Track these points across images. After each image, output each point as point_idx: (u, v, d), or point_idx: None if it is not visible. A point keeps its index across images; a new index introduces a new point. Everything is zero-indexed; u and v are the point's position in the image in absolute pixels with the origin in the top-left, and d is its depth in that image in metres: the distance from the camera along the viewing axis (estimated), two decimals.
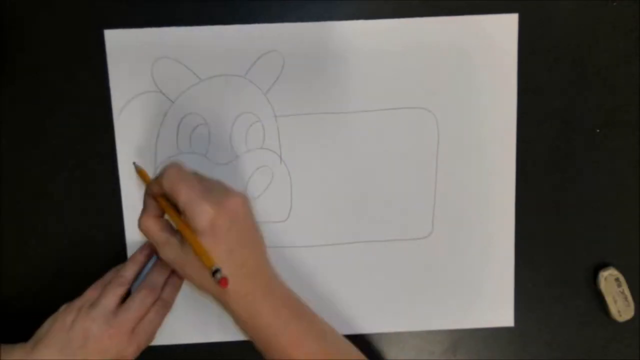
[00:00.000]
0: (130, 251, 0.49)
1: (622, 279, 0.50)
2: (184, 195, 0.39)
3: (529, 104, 0.49)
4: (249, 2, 0.48)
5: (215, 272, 0.39)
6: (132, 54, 0.47)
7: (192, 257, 0.40)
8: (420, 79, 0.49)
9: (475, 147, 0.50)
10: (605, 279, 0.50)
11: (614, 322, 0.51)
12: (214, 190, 0.41)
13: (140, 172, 0.48)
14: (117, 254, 0.49)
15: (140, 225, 0.43)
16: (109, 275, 0.47)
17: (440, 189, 0.50)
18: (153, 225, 0.43)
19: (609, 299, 0.50)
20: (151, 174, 0.48)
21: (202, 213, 0.39)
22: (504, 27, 0.48)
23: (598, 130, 0.50)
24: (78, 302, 0.45)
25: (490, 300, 0.51)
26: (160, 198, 0.43)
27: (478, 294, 0.51)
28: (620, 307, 0.50)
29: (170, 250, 0.42)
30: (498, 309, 0.51)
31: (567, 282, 0.51)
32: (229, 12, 0.48)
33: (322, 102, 0.49)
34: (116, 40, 0.47)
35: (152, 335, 0.45)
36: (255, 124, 0.49)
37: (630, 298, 0.50)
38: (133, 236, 0.49)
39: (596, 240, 0.51)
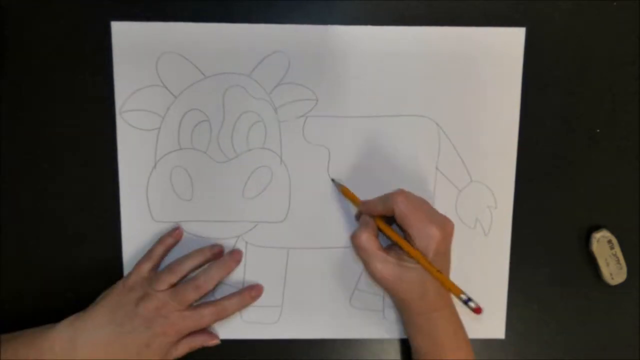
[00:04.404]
0: (126, 247, 0.49)
1: (614, 241, 0.49)
2: (416, 220, 0.43)
3: (529, 104, 0.50)
4: (257, 2, 0.48)
5: (467, 301, 0.42)
6: (138, 47, 0.47)
7: (410, 276, 0.43)
8: (424, 87, 0.49)
9: (476, 157, 0.50)
10: (598, 240, 0.49)
11: (606, 285, 0.51)
12: (435, 213, 0.45)
13: (343, 190, 0.48)
14: (114, 251, 0.49)
15: (359, 241, 0.45)
16: (158, 248, 0.48)
17: (438, 197, 0.50)
18: (372, 242, 0.45)
19: (601, 262, 0.49)
20: (150, 167, 0.48)
21: (433, 237, 0.43)
22: (511, 40, 0.49)
23: (598, 130, 0.51)
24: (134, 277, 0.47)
25: (482, 312, 0.51)
26: (379, 220, 0.46)
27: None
28: (612, 269, 0.49)
29: (386, 268, 0.44)
30: (490, 321, 0.52)
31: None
32: (236, 11, 0.48)
33: (325, 106, 0.49)
34: (123, 32, 0.47)
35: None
36: (257, 123, 0.49)
37: (622, 261, 0.49)
38: (130, 232, 0.49)
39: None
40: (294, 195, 0.50)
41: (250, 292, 0.49)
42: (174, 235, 0.49)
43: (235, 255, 0.49)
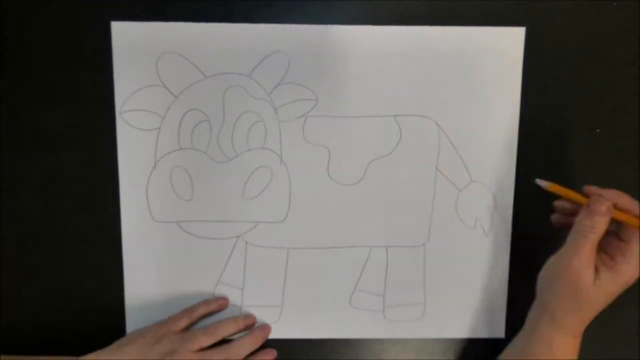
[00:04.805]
0: (126, 247, 0.49)
1: None
2: None
3: (529, 104, 0.50)
4: (257, 2, 0.48)
5: None
6: (138, 47, 0.47)
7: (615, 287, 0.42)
8: (424, 87, 0.49)
9: (475, 157, 0.50)
10: None
11: None
12: None
13: (555, 188, 0.46)
14: (114, 251, 0.49)
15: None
16: (201, 309, 0.49)
17: (438, 197, 0.50)
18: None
19: None
20: (150, 167, 0.48)
21: None
22: (511, 40, 0.49)
23: (598, 130, 0.51)
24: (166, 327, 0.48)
25: (483, 312, 0.52)
26: (615, 210, 0.43)
27: (470, 305, 0.51)
28: None
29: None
30: (490, 321, 0.52)
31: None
32: (236, 11, 0.48)
33: (326, 105, 0.49)
34: (123, 32, 0.47)
35: None
36: (257, 123, 0.49)
37: None
38: (130, 232, 0.49)
39: None
40: (294, 195, 0.50)
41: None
42: (219, 303, 0.50)
43: (265, 331, 0.50)
